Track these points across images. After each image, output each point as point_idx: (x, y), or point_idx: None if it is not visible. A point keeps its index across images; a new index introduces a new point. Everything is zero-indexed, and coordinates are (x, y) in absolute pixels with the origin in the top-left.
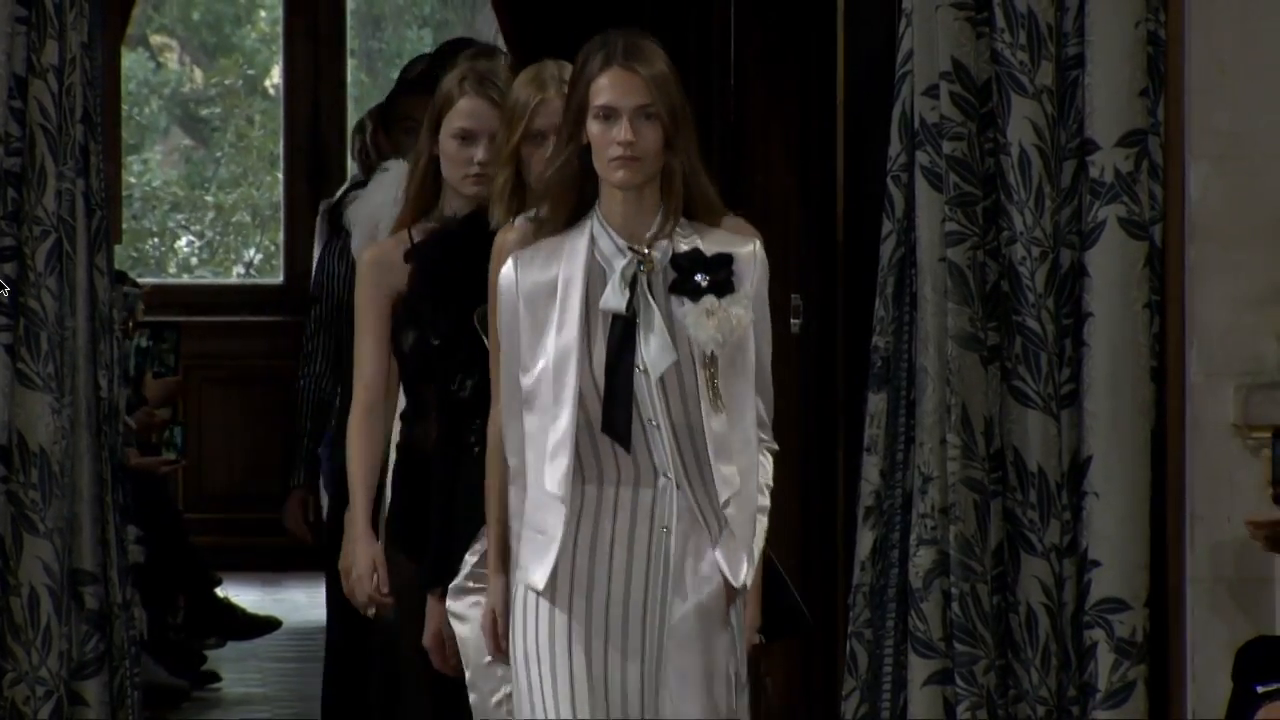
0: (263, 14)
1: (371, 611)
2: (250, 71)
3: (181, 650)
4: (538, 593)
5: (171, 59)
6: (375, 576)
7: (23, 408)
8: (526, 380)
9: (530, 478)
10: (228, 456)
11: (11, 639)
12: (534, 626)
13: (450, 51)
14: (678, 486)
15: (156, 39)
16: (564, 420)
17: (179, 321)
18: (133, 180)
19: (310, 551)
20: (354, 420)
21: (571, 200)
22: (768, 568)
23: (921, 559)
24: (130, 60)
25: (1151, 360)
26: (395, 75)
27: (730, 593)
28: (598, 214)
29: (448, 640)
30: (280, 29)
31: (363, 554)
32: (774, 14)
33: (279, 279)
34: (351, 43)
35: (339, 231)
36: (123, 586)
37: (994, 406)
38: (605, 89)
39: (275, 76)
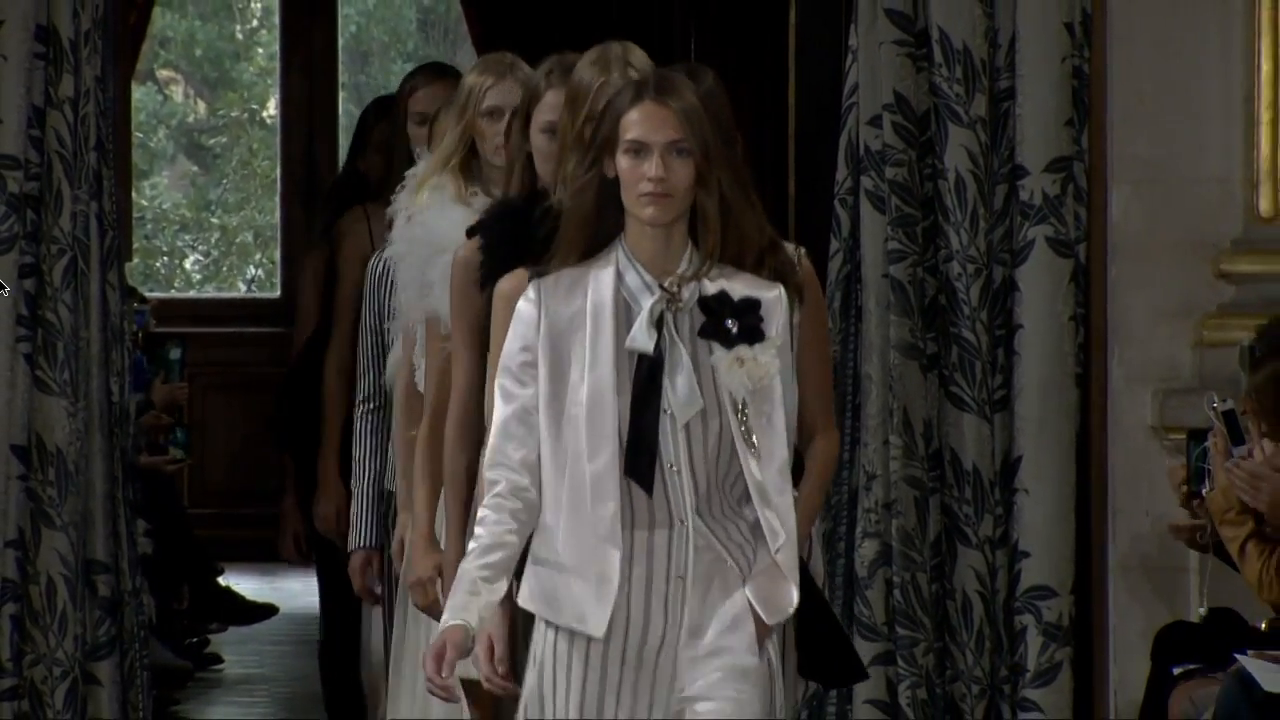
0: (260, 50)
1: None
2: (250, 104)
3: (186, 634)
4: (571, 633)
5: (177, 92)
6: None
7: (41, 411)
8: (551, 414)
9: (558, 515)
10: (229, 456)
11: (31, 624)
12: (550, 669)
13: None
14: (695, 530)
15: (163, 73)
16: (606, 460)
17: (184, 333)
18: (145, 203)
19: (306, 542)
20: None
21: (587, 234)
22: (825, 616)
23: (866, 550)
24: (139, 93)
25: (1076, 368)
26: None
27: (764, 630)
28: (624, 248)
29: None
30: (277, 64)
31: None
32: (730, 50)
33: (276, 293)
34: (342, 76)
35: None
36: (133, 575)
37: (932, 410)
38: (636, 123)
39: (272, 108)
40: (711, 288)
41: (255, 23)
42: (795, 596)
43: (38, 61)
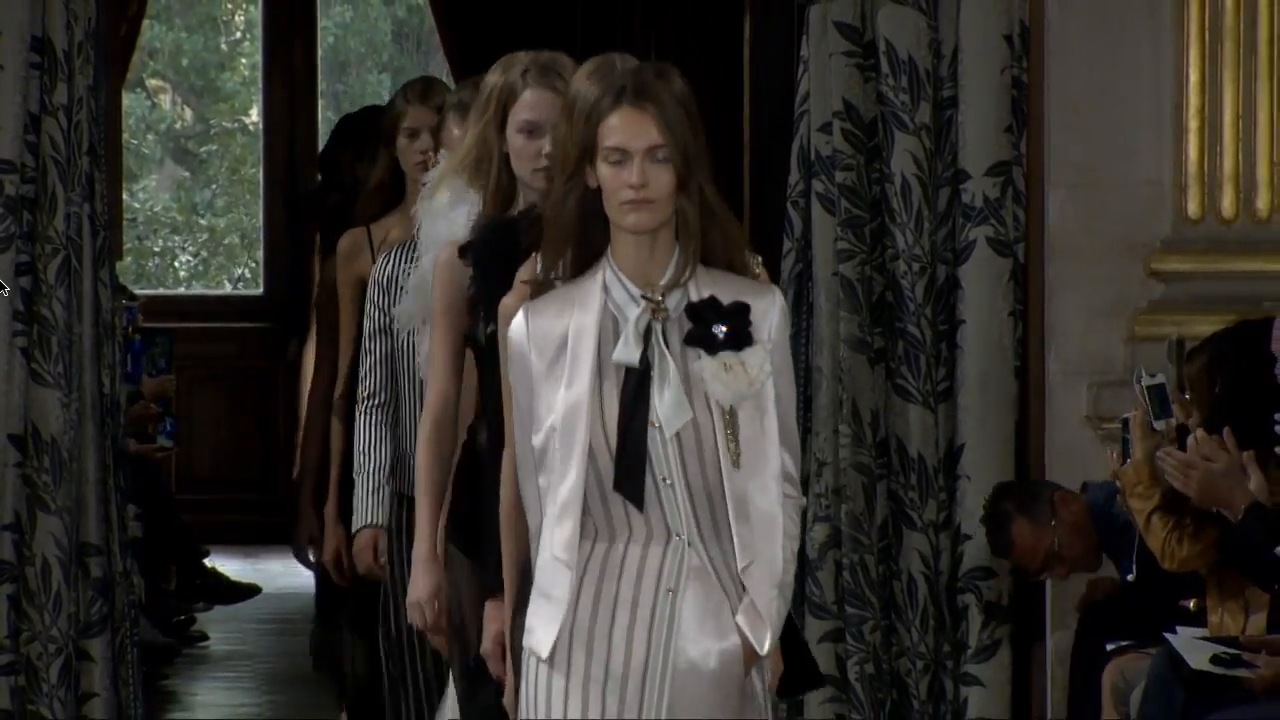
0: (243, 60)
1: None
2: (236, 113)
3: (174, 613)
4: (539, 658)
5: (165, 100)
6: (435, 604)
7: (36, 402)
8: (537, 439)
9: (542, 538)
10: (214, 445)
11: (27, 603)
12: (534, 688)
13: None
14: (690, 545)
15: (152, 82)
16: (571, 480)
17: (172, 328)
18: (137, 206)
19: (287, 527)
20: (424, 436)
21: (570, 245)
22: (785, 624)
23: (817, 533)
24: (129, 100)
25: (1015, 361)
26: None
27: (752, 656)
28: (610, 260)
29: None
30: (259, 74)
31: (425, 581)
32: (688, 60)
33: (260, 291)
34: (321, 85)
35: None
36: (123, 557)
37: (880, 401)
38: (615, 129)
39: (255, 115)
40: (701, 293)
41: (239, 34)
42: (768, 640)
43: (33, 71)
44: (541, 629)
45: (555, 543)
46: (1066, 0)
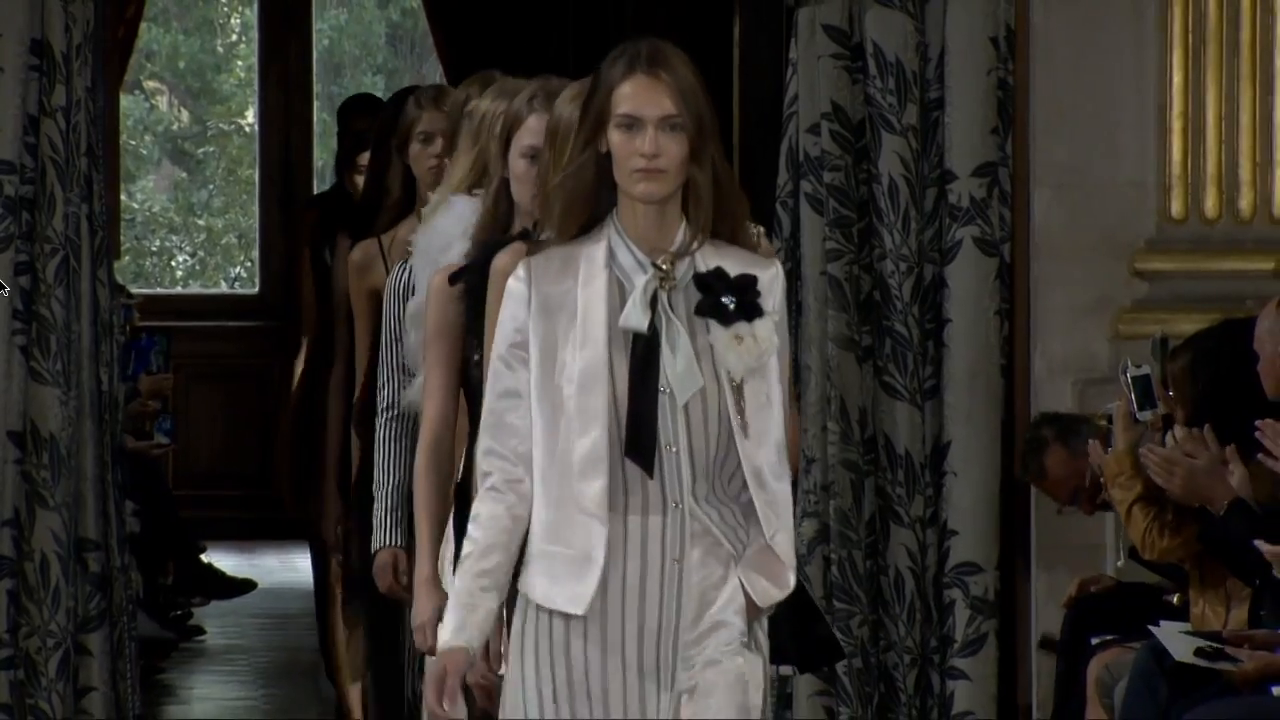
0: (240, 63)
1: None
2: (232, 114)
3: (171, 607)
4: (566, 617)
5: (162, 101)
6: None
7: (35, 400)
8: (543, 396)
9: (547, 495)
10: (211, 442)
11: (26, 598)
12: (544, 652)
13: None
14: (690, 514)
15: (149, 84)
16: (595, 438)
17: (169, 327)
18: (135, 206)
19: (282, 522)
20: (422, 459)
21: (586, 210)
22: (801, 597)
23: (805, 529)
24: (127, 102)
25: (1001, 359)
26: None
27: (754, 612)
28: (616, 225)
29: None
30: (255, 76)
31: (425, 604)
32: None
33: (255, 290)
34: (316, 87)
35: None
36: (121, 553)
37: (867, 398)
38: (628, 97)
39: (251, 117)
40: (707, 264)
41: (235, 37)
42: (791, 580)
43: (32, 73)
44: (568, 585)
45: (585, 499)
46: (1052, 3)
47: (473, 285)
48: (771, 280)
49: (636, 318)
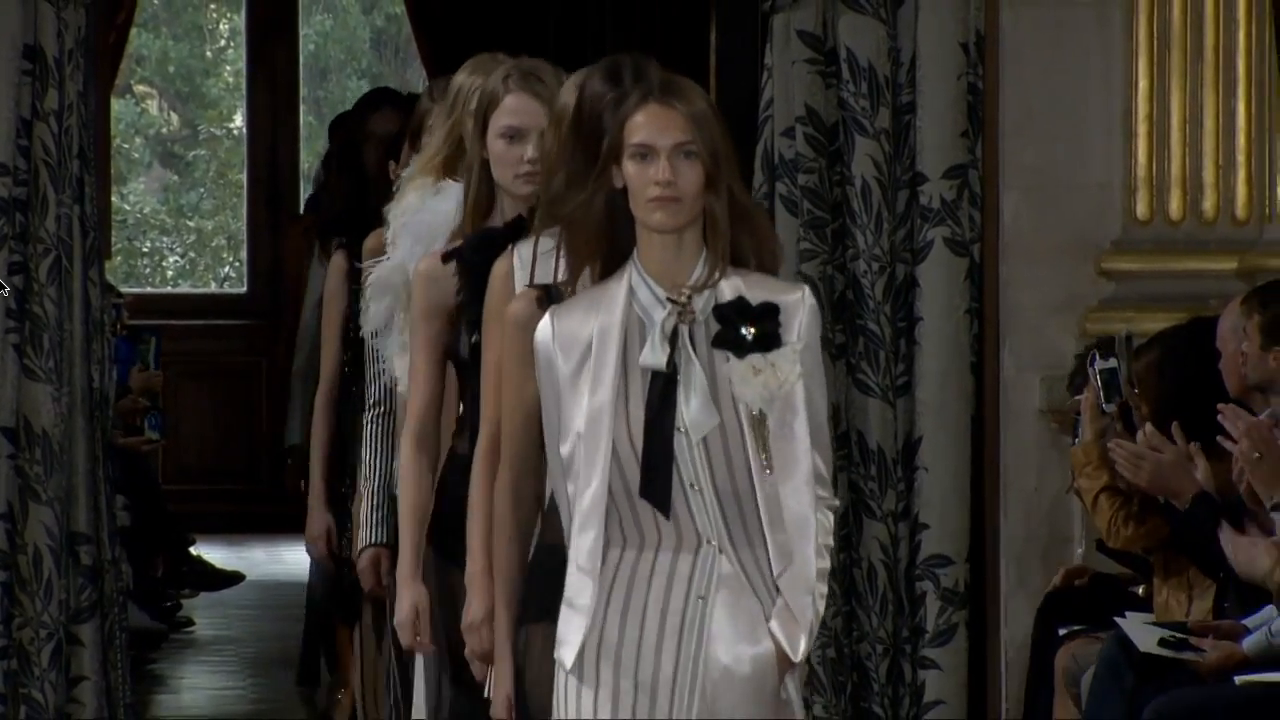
0: (228, 67)
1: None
2: (219, 117)
3: (161, 599)
4: (566, 670)
5: (152, 105)
6: (417, 624)
7: (28, 396)
8: (564, 447)
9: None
10: (200, 437)
11: (19, 590)
12: (563, 699)
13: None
14: (720, 552)
15: (140, 88)
16: (594, 488)
17: (160, 325)
18: (127, 208)
19: (269, 516)
20: (407, 450)
21: (598, 248)
22: None
23: None
24: (118, 106)
25: (972, 357)
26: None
27: (785, 664)
28: (636, 262)
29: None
30: (243, 80)
31: (406, 600)
32: None
33: (244, 289)
34: (302, 91)
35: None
36: (112, 546)
37: (841, 395)
38: (642, 126)
39: (239, 120)
40: (728, 294)
41: (223, 42)
42: (803, 645)
43: (25, 78)
44: (568, 639)
45: (579, 552)
46: (1020, 10)
47: (465, 269)
48: (795, 307)
49: (654, 357)
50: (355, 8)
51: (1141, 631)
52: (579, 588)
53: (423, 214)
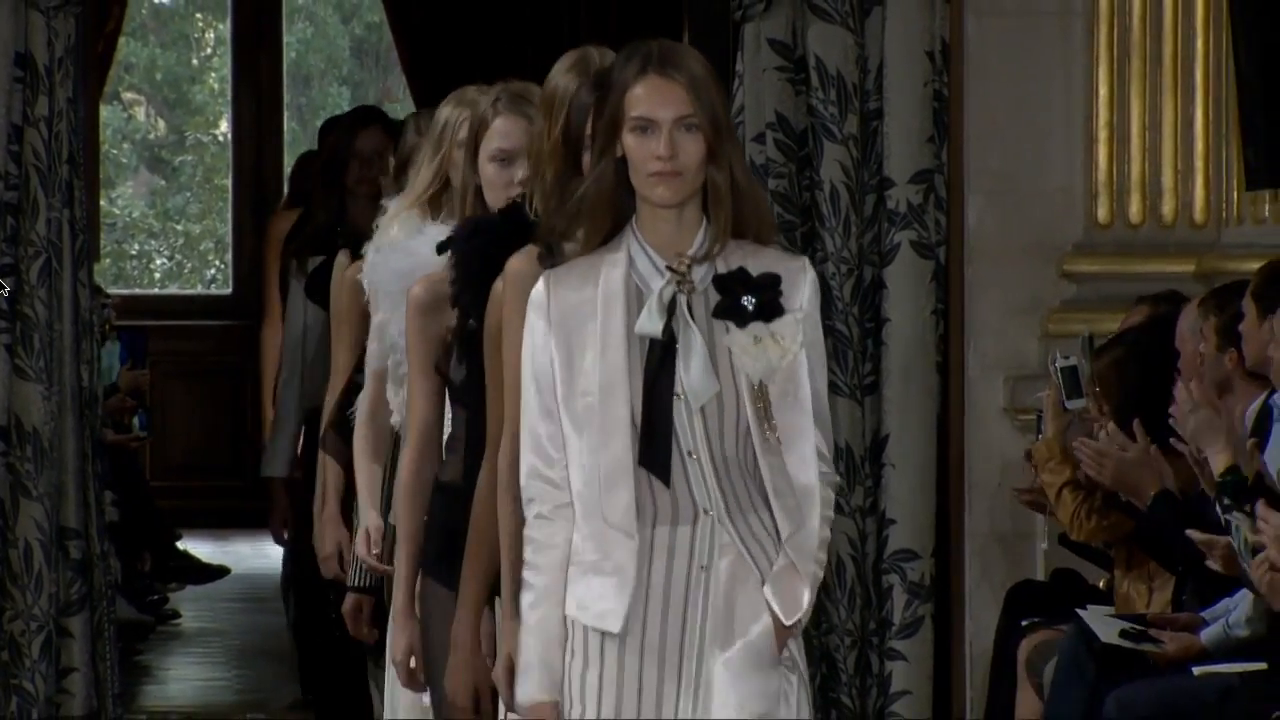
0: (213, 75)
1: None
2: (206, 123)
3: (148, 592)
4: (602, 634)
5: (140, 111)
6: (412, 662)
7: (19, 395)
8: (568, 408)
9: (581, 510)
10: (186, 435)
11: (10, 583)
12: (578, 667)
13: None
14: (719, 522)
15: (128, 95)
16: (618, 448)
17: (147, 325)
18: (117, 212)
19: (255, 511)
20: (407, 481)
21: (609, 218)
22: None
23: None
24: (106, 112)
25: (937, 356)
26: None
27: (782, 631)
28: (635, 232)
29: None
30: (228, 87)
31: (401, 639)
32: None
33: (229, 290)
34: (286, 98)
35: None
36: (101, 540)
37: None
38: (642, 98)
39: (224, 126)
40: (729, 265)
41: (209, 51)
42: (807, 598)
43: (17, 85)
44: (607, 602)
45: (612, 511)
46: (984, 19)
47: (461, 258)
48: (797, 276)
49: (651, 323)
50: (334, 17)
51: (1102, 623)
52: (619, 550)
53: (400, 257)
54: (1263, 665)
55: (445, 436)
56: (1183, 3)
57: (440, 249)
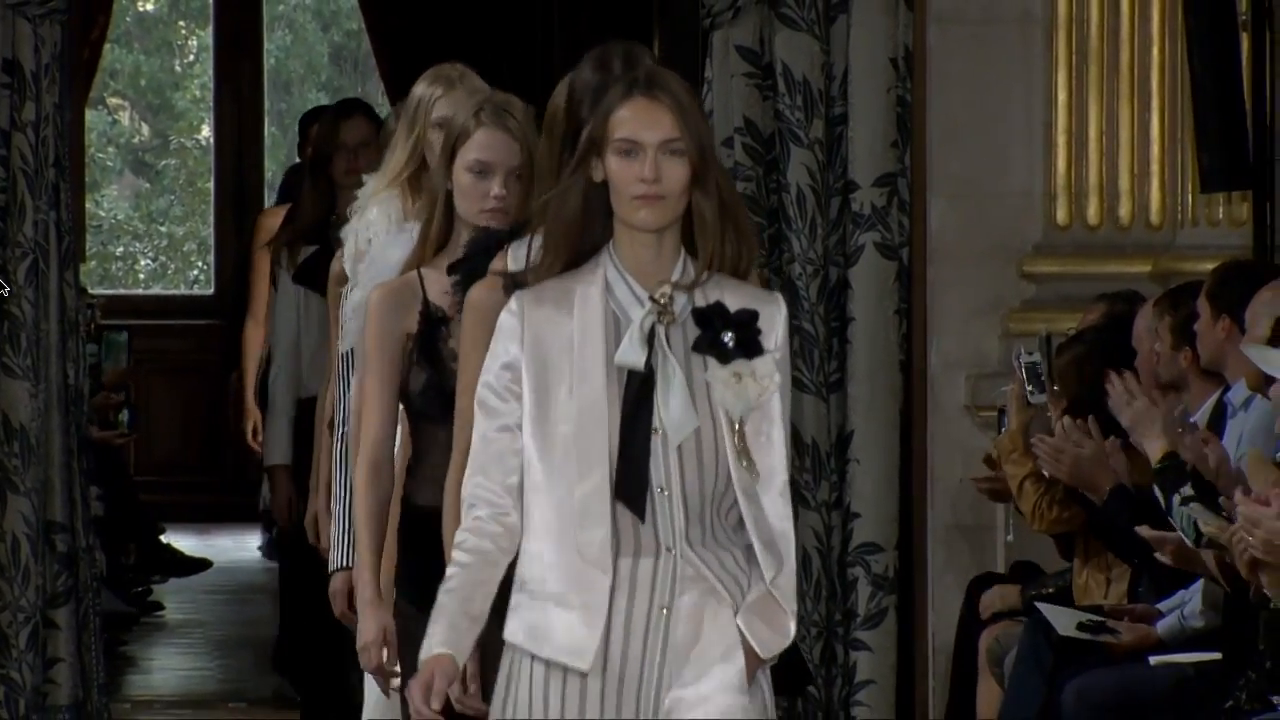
0: (195, 81)
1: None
2: (189, 128)
3: (133, 585)
4: (549, 666)
5: (124, 116)
6: (384, 648)
7: (6, 393)
8: (537, 432)
9: (549, 540)
10: (169, 431)
11: None
12: (527, 702)
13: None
14: (681, 558)
15: (113, 100)
16: (596, 482)
17: (131, 325)
18: (102, 214)
19: (236, 506)
20: (361, 480)
21: (572, 238)
22: None
23: None
24: (92, 117)
25: (900, 355)
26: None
27: (754, 662)
28: (612, 257)
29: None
30: (210, 93)
31: (370, 623)
32: None
33: (211, 291)
34: (266, 103)
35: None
36: (86, 534)
37: None
38: (627, 120)
39: (206, 131)
40: (707, 298)
41: (191, 57)
42: (791, 629)
43: (4, 90)
44: (579, 641)
45: (588, 546)
46: (946, 27)
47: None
48: (773, 315)
49: (633, 355)
50: (312, 24)
51: (1060, 615)
52: (591, 586)
53: (388, 247)
54: (1217, 656)
55: (406, 457)
56: (1139, 11)
57: (450, 270)
